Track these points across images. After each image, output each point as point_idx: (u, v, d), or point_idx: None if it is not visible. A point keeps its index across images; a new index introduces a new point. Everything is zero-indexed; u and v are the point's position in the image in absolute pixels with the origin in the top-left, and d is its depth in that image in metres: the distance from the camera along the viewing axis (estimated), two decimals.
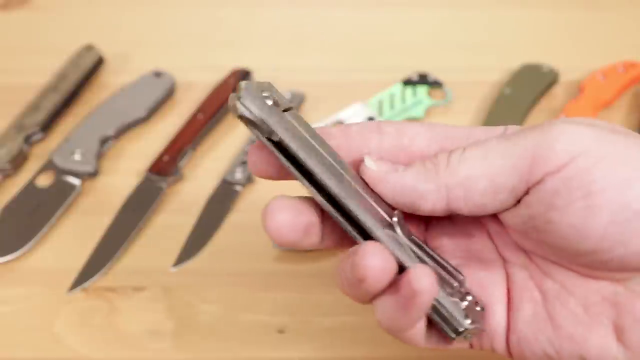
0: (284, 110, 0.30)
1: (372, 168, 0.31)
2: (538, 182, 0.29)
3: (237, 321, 0.44)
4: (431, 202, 0.30)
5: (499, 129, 0.32)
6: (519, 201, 0.30)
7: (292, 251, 0.47)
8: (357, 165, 0.31)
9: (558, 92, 0.58)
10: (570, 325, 0.30)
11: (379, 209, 0.30)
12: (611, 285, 0.30)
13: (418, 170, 0.30)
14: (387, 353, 0.42)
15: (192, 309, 0.44)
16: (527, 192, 0.29)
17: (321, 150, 0.30)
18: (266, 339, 0.43)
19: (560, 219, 0.28)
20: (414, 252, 0.30)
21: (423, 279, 0.27)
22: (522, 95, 0.56)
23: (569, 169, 0.28)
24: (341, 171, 0.30)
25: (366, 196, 0.30)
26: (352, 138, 0.32)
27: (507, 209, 0.30)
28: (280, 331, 0.43)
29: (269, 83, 0.31)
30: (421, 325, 0.31)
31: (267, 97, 0.30)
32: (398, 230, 0.30)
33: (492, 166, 0.29)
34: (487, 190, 0.29)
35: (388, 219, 0.30)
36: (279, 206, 0.30)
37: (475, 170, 0.29)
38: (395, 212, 0.31)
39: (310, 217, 0.30)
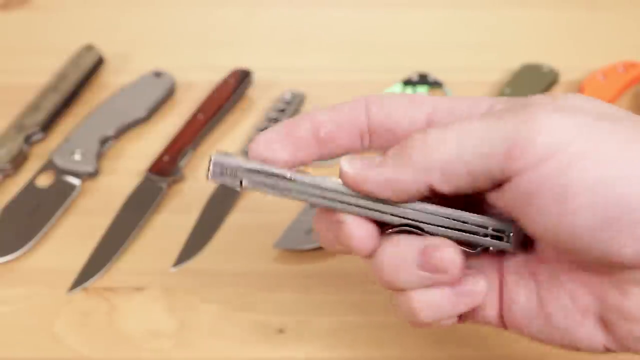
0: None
1: (348, 171, 0.31)
2: (515, 174, 0.28)
3: (237, 321, 0.44)
4: (415, 188, 0.30)
5: (486, 102, 0.32)
6: (501, 185, 0.29)
7: (292, 251, 0.47)
8: None
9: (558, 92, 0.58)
10: (560, 316, 0.30)
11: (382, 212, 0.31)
12: (598, 277, 0.30)
13: (394, 159, 0.30)
14: (387, 353, 0.42)
15: (192, 309, 0.44)
16: (508, 180, 0.28)
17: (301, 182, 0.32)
18: (266, 339, 0.43)
19: (534, 217, 0.28)
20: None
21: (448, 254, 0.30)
22: (522, 96, 0.56)
23: (545, 167, 0.27)
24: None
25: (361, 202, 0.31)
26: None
27: (491, 191, 0.30)
28: (280, 331, 0.43)
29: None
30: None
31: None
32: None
33: (466, 150, 0.29)
34: (463, 174, 0.29)
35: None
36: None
37: (451, 154, 0.29)
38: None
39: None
